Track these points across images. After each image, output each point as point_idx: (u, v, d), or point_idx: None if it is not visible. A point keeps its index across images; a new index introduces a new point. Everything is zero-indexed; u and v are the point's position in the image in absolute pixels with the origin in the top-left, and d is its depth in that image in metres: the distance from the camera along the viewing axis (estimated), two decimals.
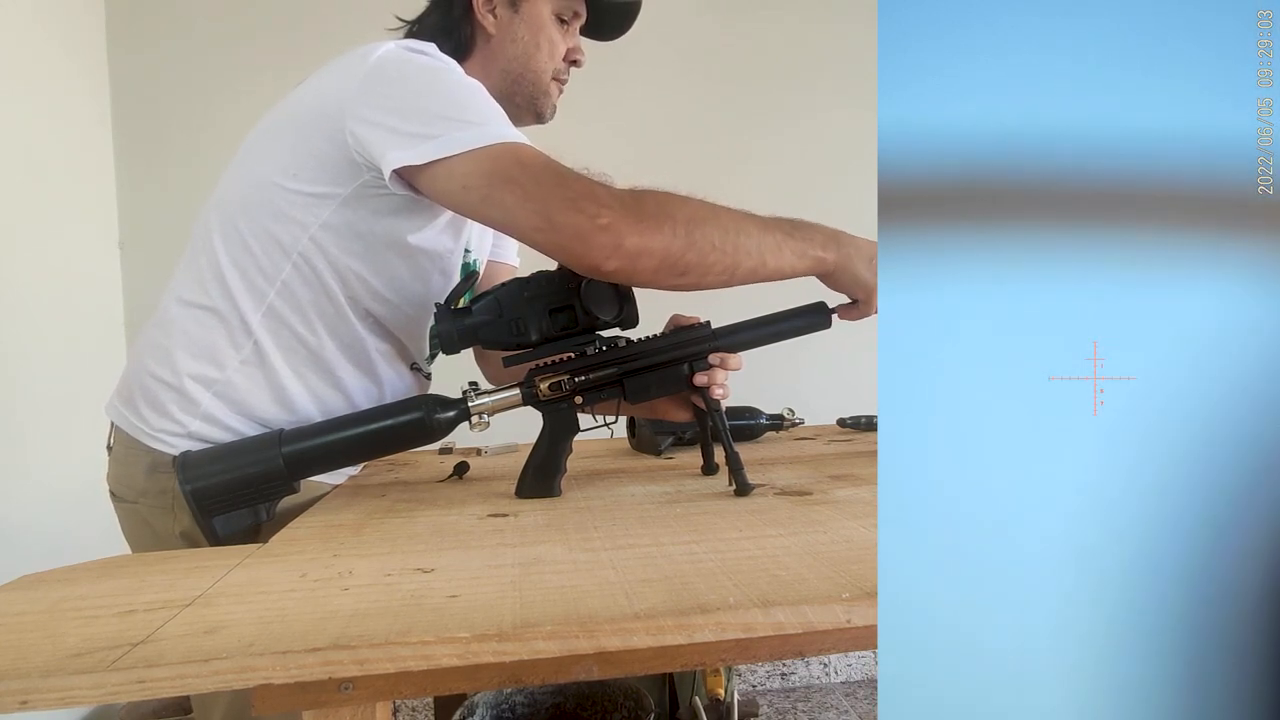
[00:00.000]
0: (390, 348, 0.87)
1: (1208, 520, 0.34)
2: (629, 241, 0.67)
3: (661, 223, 0.69)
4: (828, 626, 0.43)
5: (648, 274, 0.70)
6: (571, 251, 0.69)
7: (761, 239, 0.72)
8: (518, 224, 0.70)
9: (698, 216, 0.70)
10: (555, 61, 0.91)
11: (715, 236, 0.70)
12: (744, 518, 0.65)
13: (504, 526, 0.65)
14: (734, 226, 0.72)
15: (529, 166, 0.69)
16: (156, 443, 0.78)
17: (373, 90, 0.73)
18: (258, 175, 0.79)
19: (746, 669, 2.04)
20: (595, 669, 0.43)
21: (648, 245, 0.68)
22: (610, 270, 0.69)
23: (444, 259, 0.86)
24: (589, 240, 0.67)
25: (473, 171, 0.69)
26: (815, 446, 1.08)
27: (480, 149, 0.69)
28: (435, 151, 0.69)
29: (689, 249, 0.69)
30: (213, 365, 0.79)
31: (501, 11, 0.89)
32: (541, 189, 0.68)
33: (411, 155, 0.69)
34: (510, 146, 0.70)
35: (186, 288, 0.81)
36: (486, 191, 0.69)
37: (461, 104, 0.72)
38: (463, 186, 0.70)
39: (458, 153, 0.69)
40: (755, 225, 0.73)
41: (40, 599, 0.49)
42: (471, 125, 0.70)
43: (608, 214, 0.67)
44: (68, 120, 1.62)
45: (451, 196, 0.72)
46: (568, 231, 0.67)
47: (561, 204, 0.67)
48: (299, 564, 0.55)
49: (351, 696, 0.41)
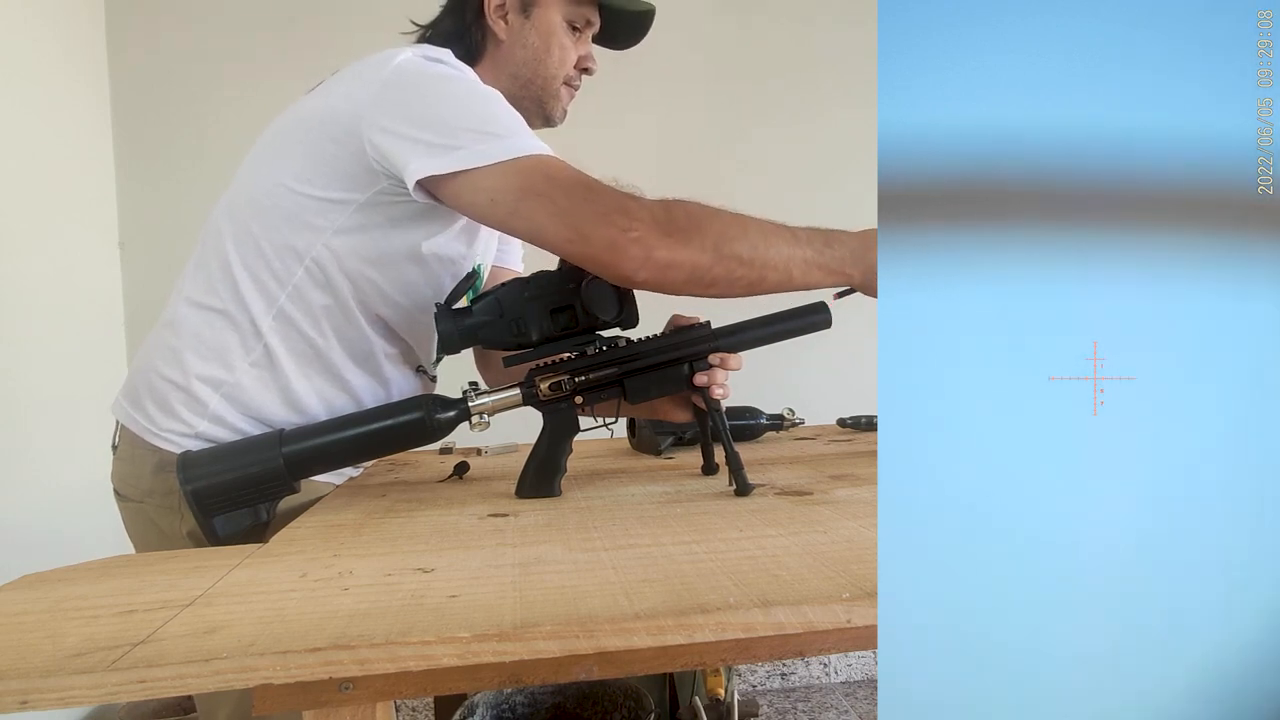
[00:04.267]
0: (398, 350, 0.87)
1: (1208, 520, 0.34)
2: (659, 254, 0.69)
3: (691, 235, 0.70)
4: (828, 626, 0.43)
5: (676, 285, 0.71)
6: (603, 262, 0.70)
7: (790, 253, 0.73)
8: (548, 237, 0.71)
9: (727, 230, 0.71)
10: (566, 69, 0.91)
11: (744, 250, 0.71)
12: (744, 518, 0.65)
13: (504, 526, 0.65)
14: (762, 241, 0.72)
15: (558, 180, 0.70)
16: (164, 442, 0.79)
17: (392, 99, 0.73)
18: (271, 179, 0.79)
19: (746, 669, 2.04)
20: (595, 669, 0.43)
21: (677, 258, 0.69)
22: (641, 281, 0.71)
23: (456, 264, 0.86)
24: (621, 252, 0.69)
25: (500, 186, 0.70)
26: (815, 446, 1.08)
27: (506, 162, 0.70)
28: (460, 163, 0.69)
29: (717, 262, 0.70)
30: (222, 367, 0.79)
31: (513, 17, 0.89)
32: (572, 203, 0.69)
33: (435, 165, 0.70)
34: (537, 160, 0.71)
35: (196, 289, 0.81)
36: (515, 206, 0.70)
37: (484, 115, 0.73)
38: (490, 200, 0.71)
39: (483, 165, 0.69)
40: (785, 239, 0.73)
41: (41, 599, 0.49)
42: (496, 137, 0.70)
43: (639, 227, 0.68)
44: (68, 120, 1.62)
45: (478, 209, 0.72)
46: (599, 244, 0.69)
47: (592, 218, 0.69)
48: (299, 564, 0.55)
49: (351, 696, 0.41)
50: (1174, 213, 0.33)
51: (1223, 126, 0.33)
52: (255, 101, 0.96)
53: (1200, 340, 0.33)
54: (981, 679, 0.34)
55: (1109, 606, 0.34)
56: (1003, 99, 0.34)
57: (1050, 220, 0.34)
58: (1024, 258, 0.34)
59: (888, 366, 0.34)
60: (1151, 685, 0.34)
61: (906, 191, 0.34)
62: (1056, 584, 0.34)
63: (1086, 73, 0.33)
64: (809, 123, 2.02)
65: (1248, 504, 0.34)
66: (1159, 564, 0.34)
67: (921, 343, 0.34)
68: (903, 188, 0.34)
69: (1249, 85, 0.33)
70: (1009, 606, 0.34)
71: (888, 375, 0.34)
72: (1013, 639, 0.34)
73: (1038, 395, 0.34)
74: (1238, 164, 0.33)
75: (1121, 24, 0.33)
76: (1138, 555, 0.34)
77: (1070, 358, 0.34)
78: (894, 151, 0.34)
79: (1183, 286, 0.33)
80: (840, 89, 2.01)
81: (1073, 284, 0.34)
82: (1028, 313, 0.34)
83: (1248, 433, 0.33)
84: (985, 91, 0.34)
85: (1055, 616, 0.34)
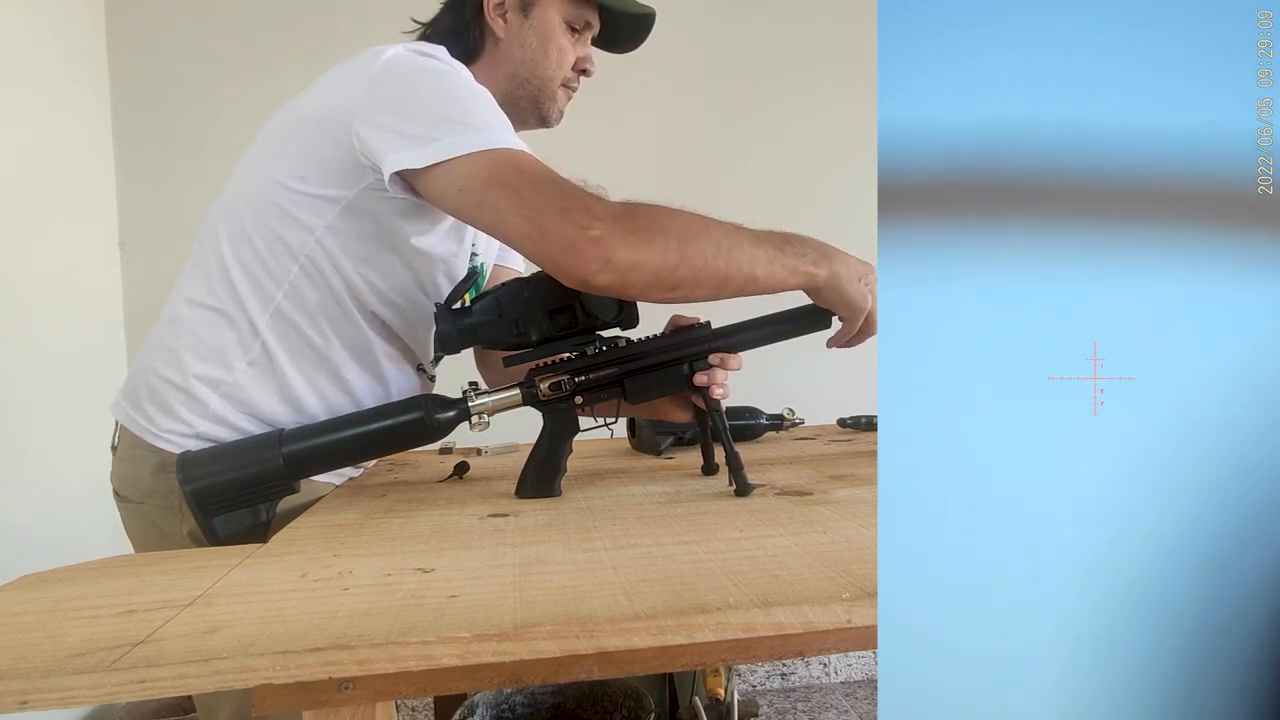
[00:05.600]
0: (396, 350, 0.87)
1: (1208, 520, 0.34)
2: (620, 255, 0.67)
3: (654, 236, 0.68)
4: (828, 626, 0.43)
5: (639, 288, 0.70)
6: (559, 262, 0.69)
7: (753, 253, 0.72)
8: (508, 230, 0.70)
9: (690, 230, 0.70)
10: (564, 70, 0.91)
11: (707, 251, 0.70)
12: (744, 518, 0.65)
13: (504, 526, 0.65)
14: (726, 241, 0.71)
15: (525, 173, 0.69)
16: (164, 443, 0.79)
17: (379, 93, 0.73)
18: (265, 177, 0.79)
19: (746, 669, 2.04)
20: (595, 669, 0.43)
21: (639, 259, 0.68)
22: (601, 284, 0.69)
23: (448, 263, 0.86)
24: (579, 252, 0.67)
25: (469, 175, 0.69)
26: (815, 446, 1.08)
27: (479, 153, 0.69)
28: (435, 155, 0.69)
29: (681, 264, 0.69)
30: (220, 367, 0.79)
31: (512, 16, 0.89)
32: (537, 196, 0.68)
33: (411, 158, 0.69)
34: (509, 153, 0.70)
35: (194, 289, 0.81)
36: (480, 196, 0.69)
37: (464, 108, 0.72)
38: (459, 189, 0.70)
39: (456, 156, 0.69)
40: (747, 240, 0.72)
41: (41, 599, 0.49)
42: (472, 130, 0.70)
43: (599, 226, 0.67)
44: (68, 120, 1.62)
45: (447, 199, 0.72)
46: (558, 241, 0.67)
47: (554, 213, 0.67)
48: (299, 564, 0.55)
49: (351, 696, 0.41)
50: (1174, 212, 0.33)
51: (1223, 126, 0.33)
52: (255, 101, 0.96)
53: (1200, 340, 0.33)
54: (981, 679, 0.34)
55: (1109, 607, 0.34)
56: (1003, 98, 0.34)
57: (1050, 220, 0.34)
58: (1024, 258, 0.34)
59: (888, 366, 0.34)
60: (1149, 687, 0.34)
61: (906, 190, 0.34)
62: (1057, 584, 0.34)
63: (1086, 72, 0.33)
64: (809, 123, 2.02)
65: (1249, 504, 0.34)
66: (1160, 564, 0.34)
67: (922, 342, 0.34)
68: (903, 187, 0.34)
69: (1249, 85, 0.33)
70: (1009, 607, 0.34)
71: (888, 375, 0.34)
72: (1012, 639, 0.34)
73: (1038, 395, 0.34)
74: (1238, 164, 0.33)
75: (1121, 24, 0.33)
76: (1138, 555, 0.34)
77: (1070, 358, 0.34)
78: (894, 150, 0.34)
79: (1183, 286, 0.33)
80: (840, 89, 2.01)
81: (1073, 284, 0.34)
82: (1028, 312, 0.34)
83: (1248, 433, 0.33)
84: (985, 91, 0.34)
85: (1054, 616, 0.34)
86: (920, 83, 0.34)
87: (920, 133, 0.34)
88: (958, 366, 0.34)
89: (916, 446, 0.34)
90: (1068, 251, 0.34)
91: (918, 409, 0.34)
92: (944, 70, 0.34)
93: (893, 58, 0.34)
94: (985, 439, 0.34)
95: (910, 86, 0.34)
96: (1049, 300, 0.34)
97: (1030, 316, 0.34)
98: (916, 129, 0.34)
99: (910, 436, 0.34)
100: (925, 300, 0.34)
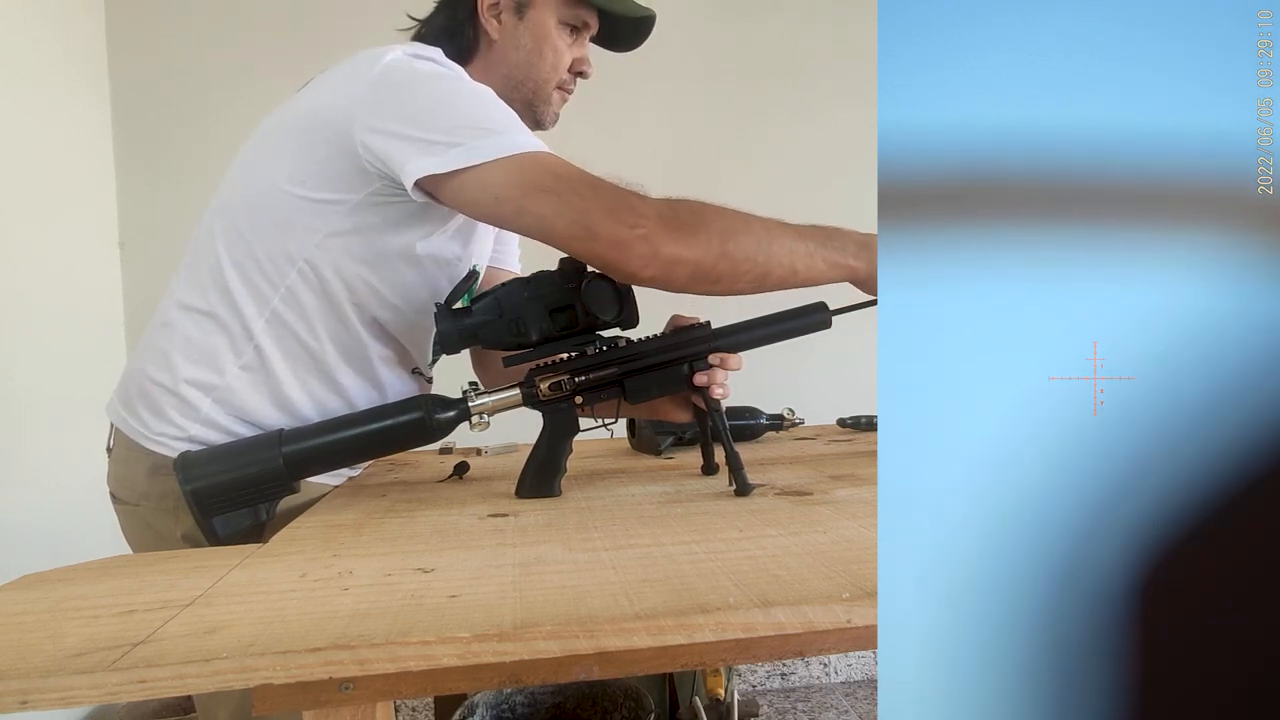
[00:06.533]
0: (393, 353, 0.87)
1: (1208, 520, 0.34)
2: (665, 250, 0.69)
3: (696, 232, 0.70)
4: (828, 626, 0.43)
5: (682, 281, 0.72)
6: (609, 259, 0.70)
7: (794, 247, 0.74)
8: (555, 233, 0.70)
9: (731, 226, 0.72)
10: (559, 72, 0.90)
11: (748, 246, 0.72)
12: (744, 518, 0.65)
13: (504, 526, 0.65)
14: (766, 236, 0.73)
15: (563, 177, 0.70)
16: (157, 445, 0.78)
17: (383, 99, 0.72)
18: (262, 181, 0.78)
19: (746, 669, 2.04)
20: (595, 669, 0.43)
21: (682, 254, 0.70)
22: (647, 278, 0.71)
23: (452, 265, 0.86)
24: (628, 248, 0.69)
25: (504, 181, 0.70)
26: (815, 446, 1.08)
27: (507, 158, 0.70)
28: (460, 160, 0.69)
29: (722, 259, 0.71)
30: (212, 371, 0.79)
31: (506, 17, 0.88)
32: (579, 199, 0.69)
33: (435, 164, 0.69)
34: (539, 156, 0.71)
35: (187, 292, 0.81)
36: (521, 202, 0.70)
37: (479, 111, 0.73)
38: (495, 197, 0.70)
39: (484, 161, 0.69)
40: (788, 234, 0.74)
41: (40, 599, 0.49)
42: (494, 133, 0.70)
43: (645, 224, 0.69)
44: (68, 120, 1.62)
45: (482, 206, 0.72)
46: (606, 240, 0.69)
47: (600, 214, 0.69)
48: (299, 564, 0.55)
49: (351, 696, 0.41)
50: (1174, 212, 0.33)
51: (1223, 126, 0.33)
52: (255, 102, 0.96)
53: (1200, 340, 0.33)
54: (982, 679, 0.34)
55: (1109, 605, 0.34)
56: (1003, 98, 0.34)
57: (1050, 220, 0.34)
58: (1024, 257, 0.34)
59: (887, 366, 0.34)
60: None
61: (906, 190, 0.34)
62: (1056, 584, 0.34)
63: (1086, 72, 0.33)
64: (809, 123, 2.02)
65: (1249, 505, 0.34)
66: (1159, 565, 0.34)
67: (922, 342, 0.34)
68: (903, 187, 0.34)
69: (1249, 85, 0.33)
70: (1009, 607, 0.34)
71: (887, 375, 0.34)
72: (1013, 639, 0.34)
73: (1038, 395, 0.34)
74: (1238, 164, 0.33)
75: (1121, 24, 0.33)
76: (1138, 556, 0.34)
77: (1070, 358, 0.34)
78: (894, 150, 0.34)
79: (1183, 286, 0.33)
80: (840, 89, 2.01)
81: (1073, 284, 0.34)
82: (1028, 313, 0.34)
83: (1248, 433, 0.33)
84: (985, 90, 0.34)
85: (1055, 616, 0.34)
86: (920, 82, 0.34)
87: (920, 132, 0.34)
88: (958, 366, 0.34)
89: (916, 446, 0.34)
90: (1068, 251, 0.34)
91: (918, 409, 0.34)
92: (944, 70, 0.34)
93: (893, 58, 0.34)
94: (985, 439, 0.34)
95: (910, 86, 0.34)
96: (1049, 300, 0.34)
97: (1030, 316, 0.34)
98: (916, 128, 0.34)
99: (910, 436, 0.34)
100: (925, 300, 0.34)
